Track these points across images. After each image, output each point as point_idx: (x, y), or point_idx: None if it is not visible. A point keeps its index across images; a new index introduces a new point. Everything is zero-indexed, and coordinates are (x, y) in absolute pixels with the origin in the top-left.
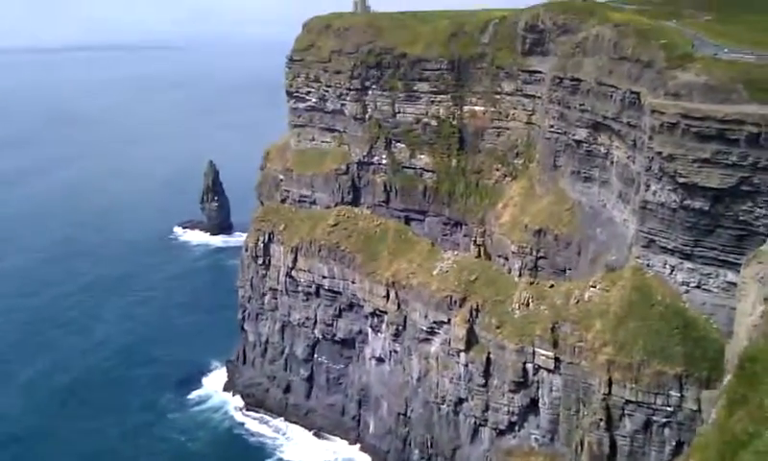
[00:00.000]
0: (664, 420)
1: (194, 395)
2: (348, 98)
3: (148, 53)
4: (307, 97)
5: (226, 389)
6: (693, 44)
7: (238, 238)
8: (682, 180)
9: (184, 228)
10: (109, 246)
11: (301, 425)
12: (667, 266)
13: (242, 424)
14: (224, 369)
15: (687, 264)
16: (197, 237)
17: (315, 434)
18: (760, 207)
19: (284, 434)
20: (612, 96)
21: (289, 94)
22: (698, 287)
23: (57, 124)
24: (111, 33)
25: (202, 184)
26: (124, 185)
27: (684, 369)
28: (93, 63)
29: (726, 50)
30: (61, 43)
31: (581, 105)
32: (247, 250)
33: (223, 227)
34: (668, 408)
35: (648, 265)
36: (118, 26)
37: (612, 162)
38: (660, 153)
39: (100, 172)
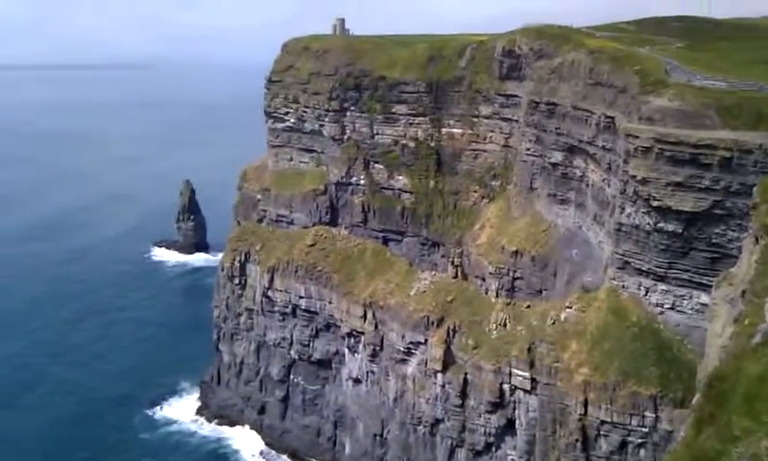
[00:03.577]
0: (640, 440)
1: (167, 416)
2: (327, 119)
3: (117, 72)
4: (286, 118)
5: (200, 410)
6: (667, 70)
7: (214, 258)
8: (655, 203)
9: (160, 247)
10: (83, 265)
11: (277, 447)
12: (642, 287)
13: (215, 445)
14: (198, 390)
15: (662, 286)
16: (173, 257)
17: (290, 456)
18: (733, 230)
19: (259, 456)
20: (587, 120)
21: (267, 115)
22: (672, 308)
23: (27, 145)
24: (80, 51)
25: (177, 204)
26: (99, 205)
27: (659, 390)
28: (61, 83)
29: (698, 76)
30: (30, 61)
31: (557, 128)
32: (223, 269)
33: (199, 246)
34: (643, 429)
35: (623, 286)
36: (87, 45)
37: (587, 185)
38: (634, 176)
39: (73, 192)
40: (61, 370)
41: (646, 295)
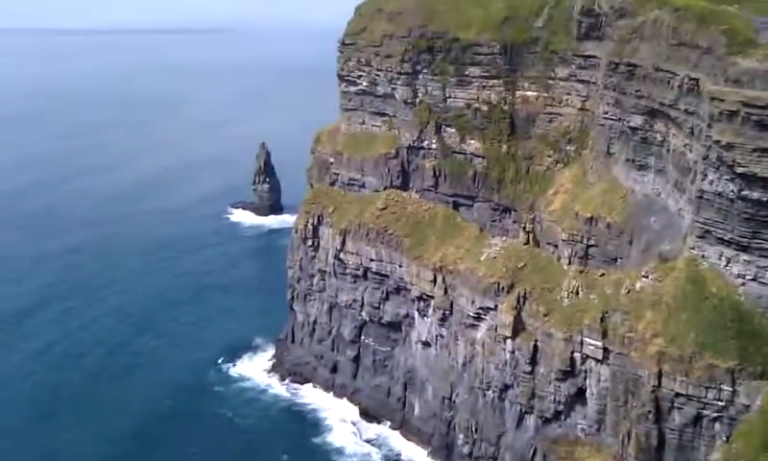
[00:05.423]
0: (715, 414)
1: (242, 372)
2: (399, 82)
3: (201, 36)
4: (358, 81)
5: (274, 367)
6: (756, 30)
7: (289, 219)
8: (740, 169)
9: (237, 208)
10: (165, 226)
11: (348, 404)
12: (723, 258)
13: (288, 400)
14: (272, 347)
15: (744, 256)
16: (248, 218)
17: (361, 414)
18: None
19: (332, 413)
20: (669, 82)
21: (341, 78)
22: (754, 280)
23: (116, 110)
24: (164, 14)
25: (254, 167)
26: (182, 168)
27: (738, 363)
28: (146, 47)
29: None
30: (113, 25)
31: (637, 91)
32: (296, 231)
33: (274, 208)
34: (720, 402)
35: (703, 256)
36: (171, 8)
37: (668, 150)
38: (718, 141)
39: (159, 155)
40: (140, 326)
41: (727, 265)
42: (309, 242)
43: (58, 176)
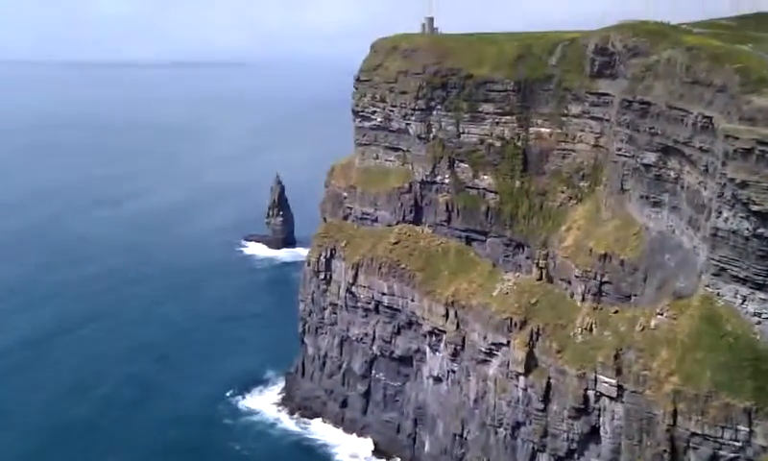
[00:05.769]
0: (732, 455)
1: (252, 404)
2: (413, 118)
3: (213, 70)
4: (373, 116)
5: (284, 401)
6: None
7: (301, 252)
8: (755, 207)
9: (250, 241)
10: (179, 257)
11: (358, 439)
12: (738, 296)
13: (298, 435)
14: (283, 380)
15: (760, 294)
16: (261, 251)
17: (372, 451)
18: None
19: (342, 449)
20: (683, 120)
21: (355, 113)
22: None
23: (129, 138)
24: (179, 50)
25: (268, 199)
26: (199, 199)
27: (754, 403)
28: (162, 80)
29: None
30: (133, 59)
31: (651, 128)
32: (309, 264)
33: (287, 241)
34: (736, 443)
35: (718, 294)
36: (185, 43)
37: (682, 187)
38: (732, 179)
39: (173, 185)
40: (151, 357)
41: (743, 304)
42: (321, 275)
43: (74, 206)
